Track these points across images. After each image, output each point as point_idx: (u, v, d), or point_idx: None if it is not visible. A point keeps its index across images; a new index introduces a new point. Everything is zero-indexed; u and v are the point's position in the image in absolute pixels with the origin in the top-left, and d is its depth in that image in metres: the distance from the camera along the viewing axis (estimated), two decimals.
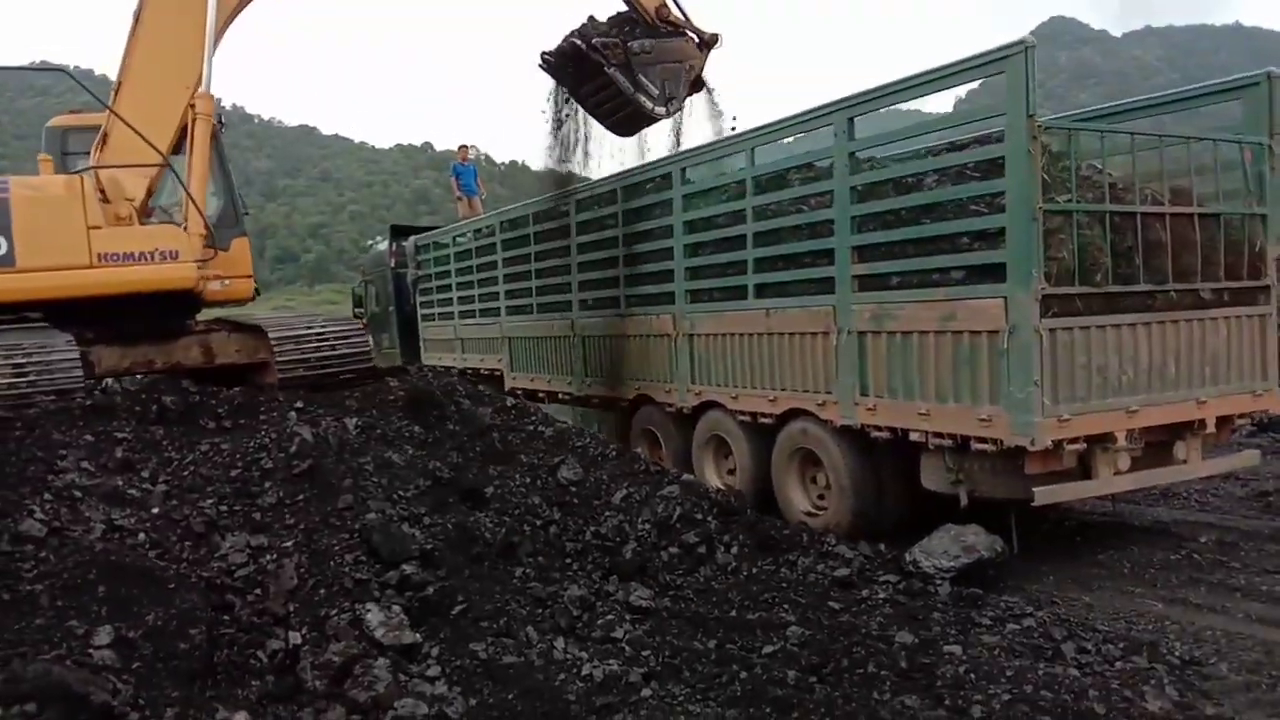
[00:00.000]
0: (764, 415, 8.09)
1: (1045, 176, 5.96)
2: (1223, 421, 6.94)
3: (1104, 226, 6.24)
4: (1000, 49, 5.95)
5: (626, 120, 9.27)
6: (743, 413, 8.31)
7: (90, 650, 4.23)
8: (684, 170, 8.89)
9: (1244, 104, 7.18)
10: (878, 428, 7.01)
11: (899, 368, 6.78)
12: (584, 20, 9.17)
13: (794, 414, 7.82)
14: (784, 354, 7.79)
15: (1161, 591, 6.02)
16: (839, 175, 7.14)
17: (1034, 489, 6.14)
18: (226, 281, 8.44)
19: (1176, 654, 4.89)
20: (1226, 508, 7.95)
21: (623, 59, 8.78)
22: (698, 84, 9.36)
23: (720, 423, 8.73)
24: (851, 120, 7.07)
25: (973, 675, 4.52)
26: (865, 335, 7.00)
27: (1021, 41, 5.80)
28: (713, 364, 8.65)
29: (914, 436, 6.76)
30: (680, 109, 9.19)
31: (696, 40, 9.16)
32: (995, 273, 6.09)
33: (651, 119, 9.13)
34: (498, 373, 13.02)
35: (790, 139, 8.23)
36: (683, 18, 9.10)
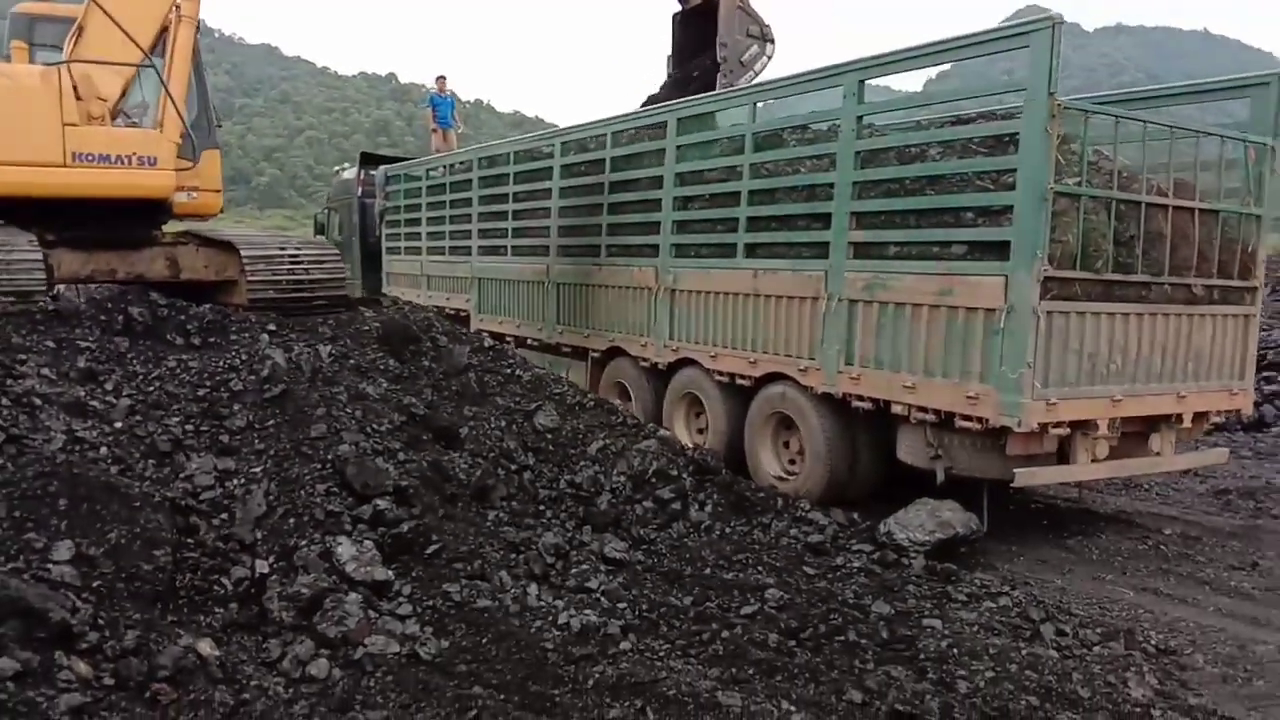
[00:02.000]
0: (742, 377, 8.00)
1: (1058, 158, 5.89)
2: (1198, 417, 7.00)
3: (1109, 213, 6.20)
4: (1026, 22, 5.84)
5: None
6: (720, 372, 8.21)
7: (49, 565, 4.03)
8: (680, 119, 8.68)
9: (1252, 103, 7.16)
10: (860, 397, 6.95)
11: (888, 339, 6.71)
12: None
13: (773, 377, 7.74)
14: (769, 316, 7.69)
15: (1132, 580, 6.08)
16: (844, 138, 7.00)
17: (1015, 470, 6.13)
18: (194, 194, 8.06)
19: (1153, 642, 4.93)
20: (1188, 502, 8.08)
21: (732, 67, 9.68)
22: None
23: (696, 381, 8.62)
24: (862, 83, 6.92)
25: (955, 651, 4.50)
26: (856, 304, 6.91)
27: (1049, 16, 5.68)
28: (693, 321, 8.52)
29: (896, 409, 6.71)
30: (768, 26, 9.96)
31: None
32: (998, 250, 6.02)
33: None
34: (464, 313, 12.76)
35: (792, 97, 8.04)
36: None
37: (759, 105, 7.95)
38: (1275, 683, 4.58)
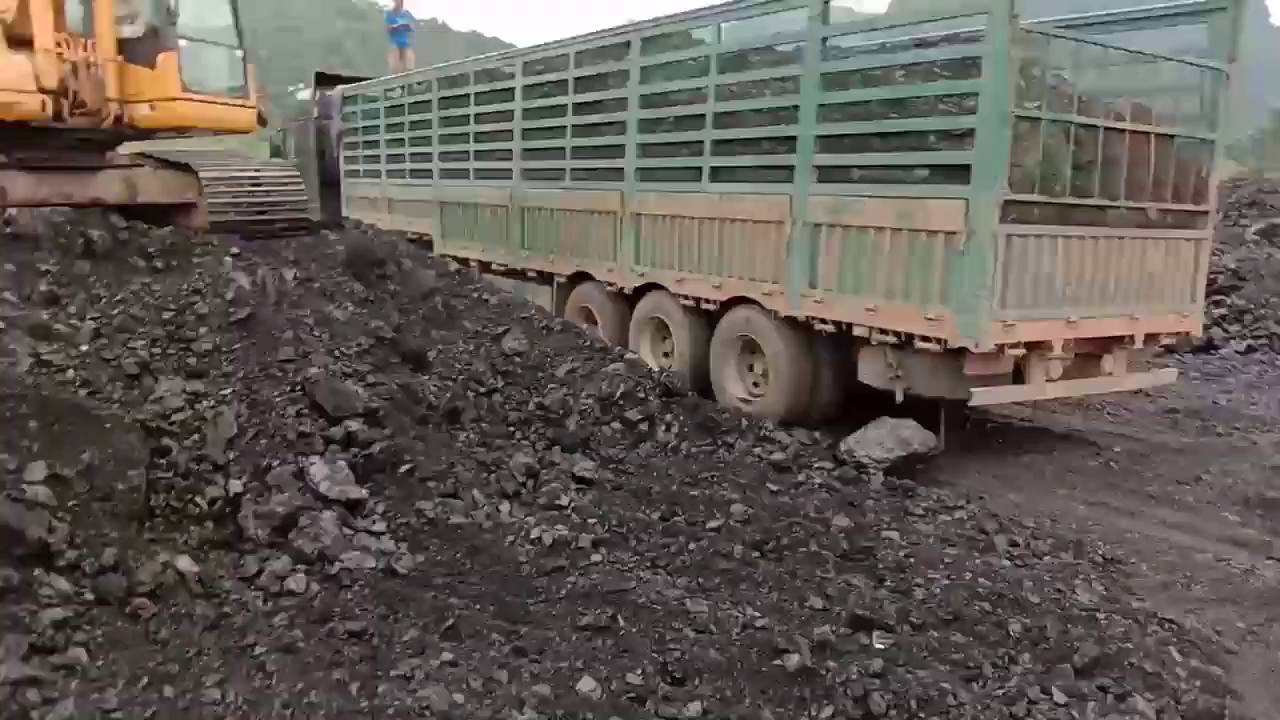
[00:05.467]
0: (707, 301, 8.08)
1: (1020, 82, 5.94)
2: (1149, 339, 7.21)
3: (1068, 138, 6.28)
4: None
5: None
6: (686, 297, 8.28)
7: (23, 485, 4.04)
8: (643, 40, 8.59)
9: (1209, 28, 7.23)
10: (822, 320, 7.07)
11: (851, 262, 6.81)
12: None
13: (738, 301, 7.83)
14: (734, 240, 7.74)
15: (1082, 494, 6.32)
16: (809, 60, 6.99)
17: (972, 389, 6.31)
18: (155, 106, 7.43)
19: (1100, 553, 5.17)
20: (1138, 421, 8.34)
21: None
22: None
23: (661, 305, 8.69)
24: (827, 3, 6.90)
25: (912, 560, 4.70)
26: (820, 228, 6.99)
27: None
28: (658, 245, 8.55)
29: (858, 331, 6.84)
30: None
31: None
32: (959, 174, 6.10)
33: None
34: (426, 238, 12.65)
35: (757, 18, 7.97)
36: None
37: (724, 26, 7.87)
38: (1212, 588, 4.85)
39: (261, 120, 8.31)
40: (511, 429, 6.19)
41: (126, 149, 8.03)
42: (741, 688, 3.48)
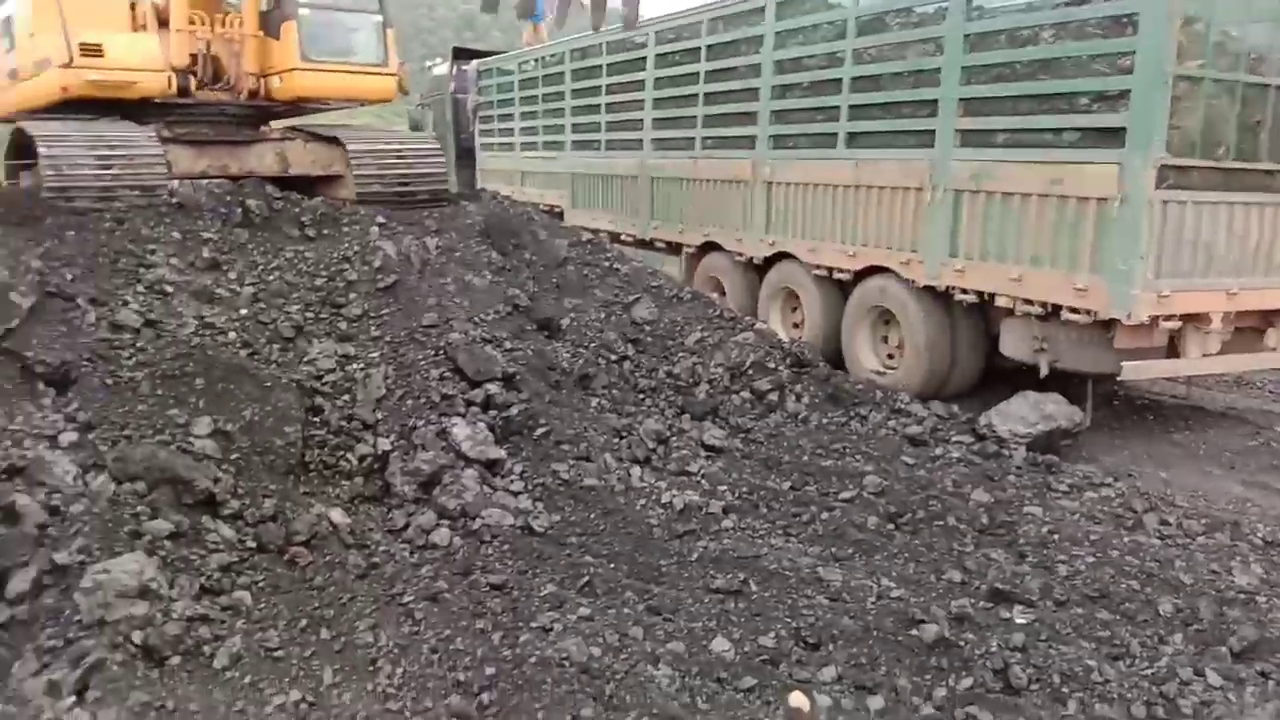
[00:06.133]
0: (840, 270, 7.94)
1: (1181, 39, 5.61)
2: None
3: (1234, 98, 5.90)
4: None
5: None
6: (818, 266, 8.16)
7: (191, 438, 4.34)
8: (778, 4, 8.45)
9: None
10: (963, 290, 6.86)
11: (995, 229, 6.57)
12: None
13: (873, 270, 7.67)
14: (870, 208, 7.57)
15: (1240, 475, 5.98)
16: (953, 21, 6.76)
17: (1122, 363, 6.03)
18: (283, 78, 7.73)
19: (1260, 535, 4.88)
20: None
21: None
22: None
23: (792, 275, 8.59)
24: None
25: (1055, 536, 4.55)
26: (962, 194, 6.76)
27: None
28: (790, 214, 8.44)
29: (1001, 301, 6.62)
30: None
31: None
32: (1113, 137, 5.81)
33: None
34: (558, 209, 12.83)
35: None
36: None
37: None
38: None
39: (402, 89, 8.39)
40: (642, 396, 6.26)
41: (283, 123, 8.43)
42: (877, 655, 3.46)
